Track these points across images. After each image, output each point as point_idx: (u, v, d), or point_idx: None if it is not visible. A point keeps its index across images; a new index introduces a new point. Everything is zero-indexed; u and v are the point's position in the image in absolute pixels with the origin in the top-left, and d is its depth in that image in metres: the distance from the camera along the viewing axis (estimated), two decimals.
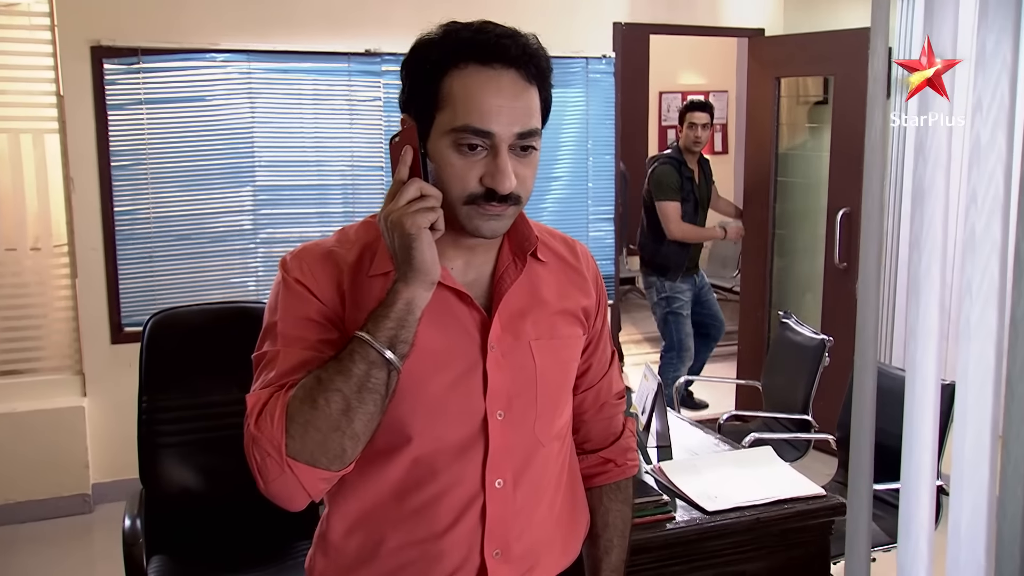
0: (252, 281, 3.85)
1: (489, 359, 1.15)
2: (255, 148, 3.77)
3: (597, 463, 1.37)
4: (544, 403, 1.20)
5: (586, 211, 4.37)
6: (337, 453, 1.03)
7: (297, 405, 1.02)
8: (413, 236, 1.03)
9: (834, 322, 4.07)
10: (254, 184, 3.80)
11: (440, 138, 1.07)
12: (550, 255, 1.25)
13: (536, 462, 1.20)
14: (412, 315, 1.05)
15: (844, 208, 4.12)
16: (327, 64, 3.82)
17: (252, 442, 1.03)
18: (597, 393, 1.34)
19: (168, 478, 2.38)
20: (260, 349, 1.13)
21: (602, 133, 4.33)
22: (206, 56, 3.66)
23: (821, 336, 3.20)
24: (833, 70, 4.28)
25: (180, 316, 2.49)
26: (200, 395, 2.41)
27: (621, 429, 1.39)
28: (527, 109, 1.08)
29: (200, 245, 3.75)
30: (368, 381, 1.02)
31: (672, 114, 7.80)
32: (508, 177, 1.06)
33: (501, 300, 1.17)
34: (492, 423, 1.15)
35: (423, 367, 1.11)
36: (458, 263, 1.17)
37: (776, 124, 4.59)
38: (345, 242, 1.17)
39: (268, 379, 1.08)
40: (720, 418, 3.39)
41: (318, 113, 3.86)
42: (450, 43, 1.07)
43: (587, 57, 4.19)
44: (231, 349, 2.53)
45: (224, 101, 3.70)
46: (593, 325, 1.29)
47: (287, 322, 1.12)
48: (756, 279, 4.78)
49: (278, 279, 1.16)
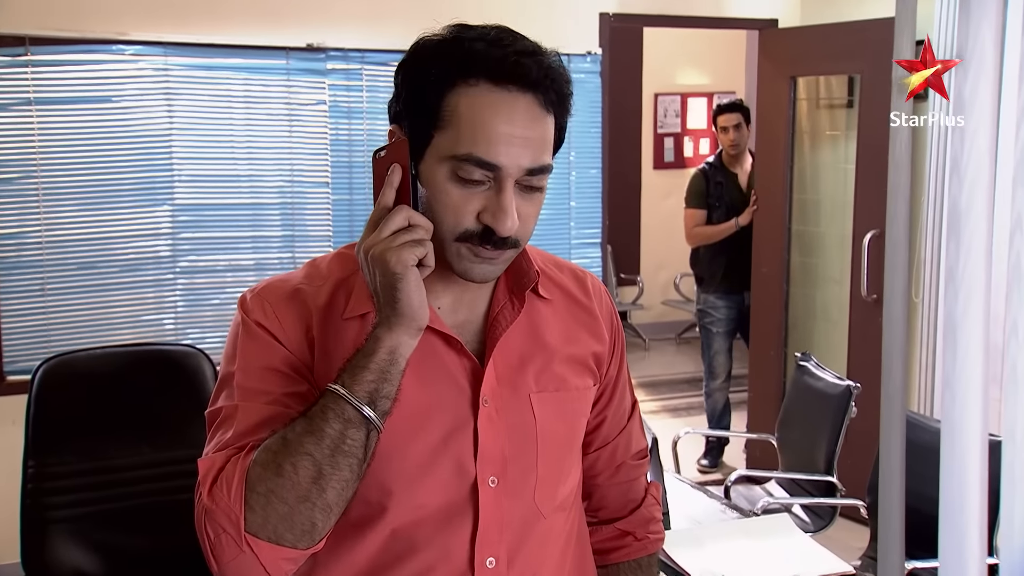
0: (169, 319, 3.82)
1: (481, 415, 1.15)
2: (174, 160, 3.76)
3: (613, 536, 1.38)
4: (546, 467, 1.20)
5: (568, 235, 4.39)
6: (306, 528, 1.03)
7: (259, 471, 1.02)
8: (399, 275, 1.03)
9: (862, 365, 4.09)
10: (172, 202, 3.78)
11: (437, 163, 1.08)
12: (555, 291, 1.26)
13: (535, 537, 1.20)
14: (396, 366, 1.05)
15: (872, 230, 4.17)
16: (261, 60, 3.83)
17: (205, 515, 1.03)
18: (613, 452, 1.35)
19: (58, 562, 2.33)
20: (215, 404, 1.14)
21: (587, 143, 4.36)
22: (112, 48, 3.64)
23: (846, 382, 3.22)
24: (859, 68, 4.33)
25: (78, 362, 2.46)
26: (102, 458, 2.38)
27: (643, 495, 1.40)
28: (541, 141, 1.09)
29: (104, 275, 3.71)
30: (343, 443, 1.03)
31: (669, 119, 7.89)
32: (511, 217, 1.07)
33: (496, 345, 1.17)
34: (483, 491, 1.15)
35: (403, 424, 1.11)
36: (446, 301, 1.18)
37: (791, 132, 4.64)
38: (315, 278, 1.18)
39: (224, 440, 1.09)
40: (727, 479, 3.39)
41: (251, 118, 3.86)
42: (461, 53, 1.08)
43: (569, 54, 4.22)
44: (142, 402, 2.52)
45: (135, 103, 3.69)
46: (607, 373, 1.30)
47: (247, 373, 1.12)
48: (769, 313, 4.80)
49: (236, 321, 1.17)
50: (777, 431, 3.60)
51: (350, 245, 1.19)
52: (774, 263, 4.73)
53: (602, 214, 4.44)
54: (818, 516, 3.24)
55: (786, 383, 4.55)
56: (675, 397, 6.27)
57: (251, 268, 3.90)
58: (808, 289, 4.76)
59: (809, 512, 3.29)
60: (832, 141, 4.66)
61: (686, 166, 7.82)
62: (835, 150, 4.63)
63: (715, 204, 4.85)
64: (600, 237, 4.45)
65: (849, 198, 4.36)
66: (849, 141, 4.45)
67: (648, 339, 7.59)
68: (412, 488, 1.13)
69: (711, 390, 5.03)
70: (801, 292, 4.77)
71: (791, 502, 3.33)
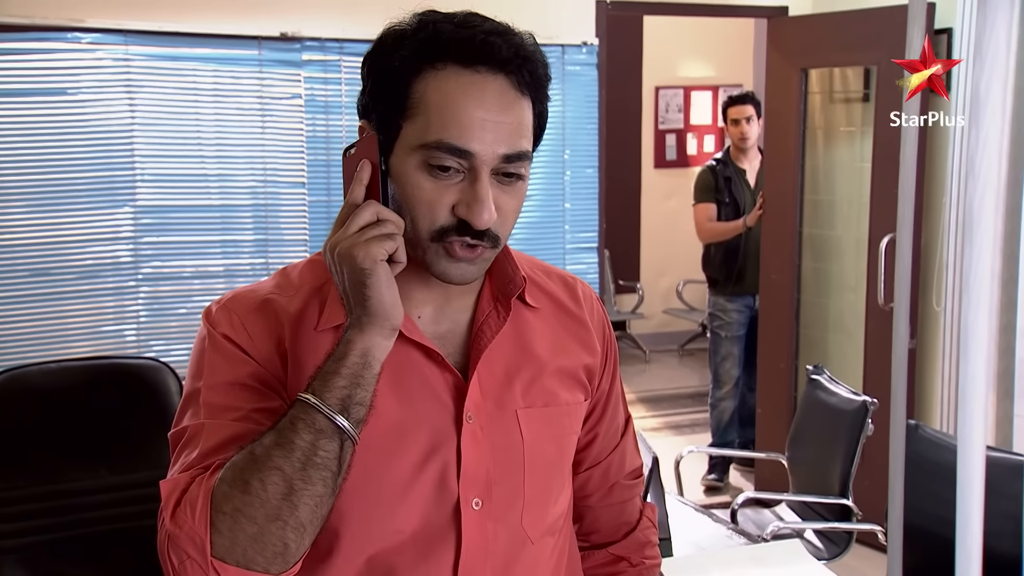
0: (131, 330, 3.81)
1: (465, 433, 1.16)
2: (136, 157, 3.75)
3: (607, 562, 1.38)
4: (534, 489, 1.21)
5: (563, 239, 4.40)
6: (277, 550, 1.02)
7: (225, 490, 1.02)
8: (367, 271, 1.04)
9: (879, 379, 4.10)
10: (134, 204, 3.77)
11: (407, 154, 1.09)
12: (543, 298, 1.27)
13: (523, 564, 1.21)
14: (369, 370, 1.06)
15: (890, 234, 4.17)
16: (231, 51, 3.83)
17: (168, 541, 1.03)
18: (606, 471, 1.36)
19: None
20: (179, 424, 1.14)
21: (582, 140, 4.37)
22: (68, 36, 3.63)
23: (862, 397, 3.23)
24: (876, 59, 4.33)
25: (30, 377, 2.46)
26: (56, 481, 2.37)
27: (638, 517, 1.41)
28: (516, 126, 1.10)
29: (59, 283, 3.70)
30: (315, 455, 1.03)
31: (671, 114, 7.92)
32: (487, 208, 1.07)
33: (480, 358, 1.18)
34: (466, 514, 1.16)
35: (380, 443, 1.12)
36: (427, 310, 1.19)
37: (803, 128, 4.66)
38: (287, 287, 1.19)
39: (189, 460, 1.09)
40: (734, 502, 3.40)
41: (220, 113, 3.85)
42: (425, 37, 1.09)
43: (563, 45, 4.24)
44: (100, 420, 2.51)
45: (93, 96, 3.68)
46: (598, 387, 1.31)
47: (214, 389, 1.13)
48: (779, 323, 4.81)
49: (201, 335, 1.18)
50: (787, 450, 3.61)
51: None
52: (784, 269, 4.74)
53: (599, 217, 4.44)
54: (832, 542, 3.25)
55: (797, 398, 4.57)
56: (678, 413, 6.29)
57: (220, 275, 3.90)
58: (821, 297, 4.77)
59: (822, 538, 3.29)
60: (847, 138, 4.67)
61: (689, 165, 7.85)
62: (850, 147, 4.64)
63: (724, 200, 4.98)
64: (597, 241, 4.46)
65: (865, 199, 4.37)
66: (865, 138, 4.46)
67: (648, 351, 7.61)
68: (390, 512, 1.13)
69: (716, 399, 5.10)
70: (813, 300, 4.78)
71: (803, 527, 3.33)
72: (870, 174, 4.33)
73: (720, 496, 4.89)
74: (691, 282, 7.58)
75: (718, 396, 5.11)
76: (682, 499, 2.79)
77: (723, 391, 5.09)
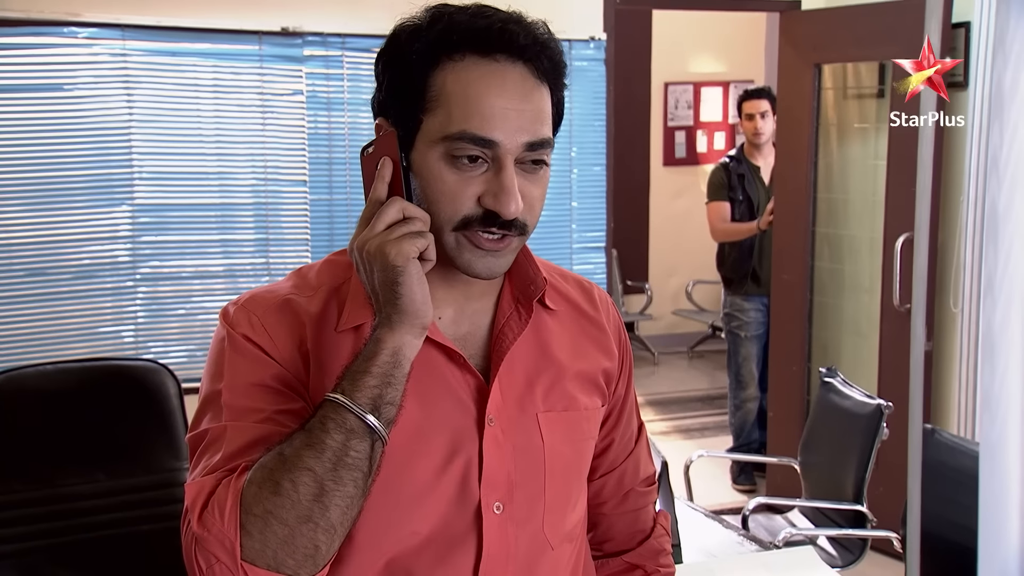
0: (129, 331, 3.82)
1: (486, 436, 1.17)
2: (134, 155, 3.76)
3: (621, 570, 1.40)
4: (554, 493, 1.22)
5: (569, 238, 4.40)
6: (308, 552, 1.03)
7: (255, 491, 1.02)
8: (399, 268, 1.05)
9: (894, 382, 4.10)
10: (132, 202, 3.78)
11: (428, 148, 1.10)
12: (562, 302, 1.28)
13: (543, 570, 1.22)
14: (400, 369, 1.07)
15: (906, 233, 4.17)
16: (231, 46, 3.83)
17: (195, 544, 1.03)
18: (620, 478, 1.37)
19: None
20: (198, 427, 1.14)
21: (590, 137, 4.37)
22: (64, 31, 3.63)
23: (877, 400, 3.22)
24: (891, 53, 4.31)
25: (27, 379, 2.45)
26: (53, 485, 2.36)
27: (652, 525, 1.42)
28: (538, 113, 1.12)
29: (56, 283, 3.71)
30: (346, 456, 1.03)
31: (681, 111, 7.91)
32: (514, 197, 1.09)
33: (502, 360, 1.19)
34: (487, 518, 1.17)
35: (401, 445, 1.12)
36: (448, 312, 1.20)
37: (816, 125, 4.66)
38: (305, 288, 1.20)
39: (213, 463, 1.09)
40: (745, 508, 3.40)
41: (220, 110, 3.86)
42: (442, 29, 1.10)
43: (571, 40, 4.24)
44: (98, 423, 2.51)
45: (90, 92, 3.68)
46: (615, 392, 1.32)
47: (235, 391, 1.13)
48: (791, 324, 4.81)
49: (220, 336, 1.18)
50: (800, 454, 3.61)
51: (339, 252, 1.21)
52: (797, 269, 4.74)
53: (607, 216, 4.44)
54: (846, 549, 3.24)
55: (810, 401, 4.56)
56: (688, 416, 6.27)
57: (220, 275, 3.90)
58: (834, 298, 4.77)
59: (836, 545, 3.29)
60: (861, 135, 4.67)
61: (699, 162, 7.84)
62: (864, 144, 4.64)
63: (737, 198, 5.00)
64: (604, 241, 4.46)
65: (880, 197, 4.37)
66: (880, 135, 4.46)
67: (657, 353, 7.60)
68: (410, 514, 1.14)
69: (740, 401, 5.09)
70: (827, 301, 4.78)
71: (816, 533, 3.33)
72: (885, 172, 4.33)
73: (733, 501, 4.89)
74: (701, 282, 7.57)
75: (743, 398, 5.10)
76: (692, 504, 2.79)
77: (747, 392, 5.08)
